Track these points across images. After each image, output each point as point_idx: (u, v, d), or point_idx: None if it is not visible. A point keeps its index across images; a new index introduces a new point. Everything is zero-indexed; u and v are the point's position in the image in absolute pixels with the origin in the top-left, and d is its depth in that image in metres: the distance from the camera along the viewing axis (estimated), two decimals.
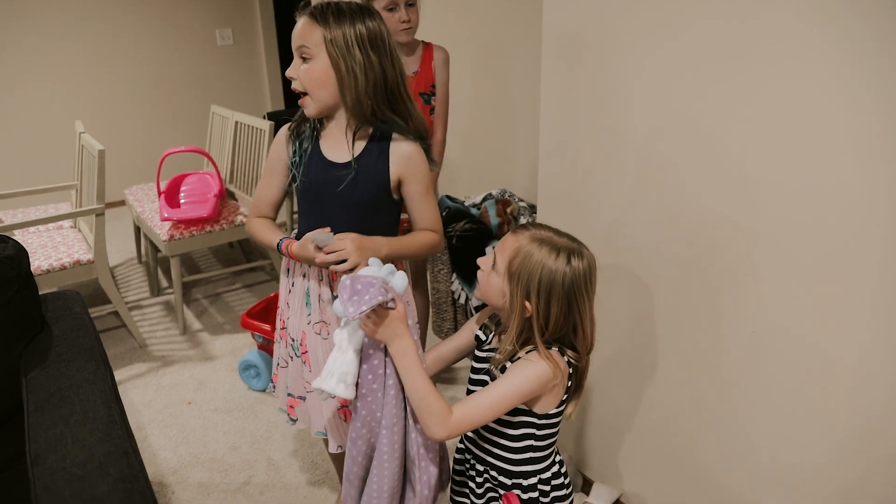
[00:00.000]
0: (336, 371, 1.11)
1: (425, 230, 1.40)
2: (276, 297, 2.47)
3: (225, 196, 2.94)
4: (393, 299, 1.07)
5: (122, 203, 4.47)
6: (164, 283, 3.44)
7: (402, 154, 1.31)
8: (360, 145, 1.31)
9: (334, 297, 1.33)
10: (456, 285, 2.39)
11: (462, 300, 2.39)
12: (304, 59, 1.25)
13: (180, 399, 2.42)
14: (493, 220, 2.30)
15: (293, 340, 1.48)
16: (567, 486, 1.24)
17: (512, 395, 1.08)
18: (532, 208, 2.33)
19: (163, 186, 2.93)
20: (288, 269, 1.47)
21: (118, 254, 3.84)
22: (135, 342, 2.81)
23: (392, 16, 1.84)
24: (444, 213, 2.32)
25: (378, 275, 1.08)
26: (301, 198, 1.40)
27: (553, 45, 1.55)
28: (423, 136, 1.34)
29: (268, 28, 5.11)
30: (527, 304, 1.07)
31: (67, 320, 1.51)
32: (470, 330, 1.28)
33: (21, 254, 1.44)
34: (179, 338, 2.87)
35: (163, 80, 4.82)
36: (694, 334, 1.39)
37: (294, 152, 1.37)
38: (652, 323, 1.49)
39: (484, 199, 2.43)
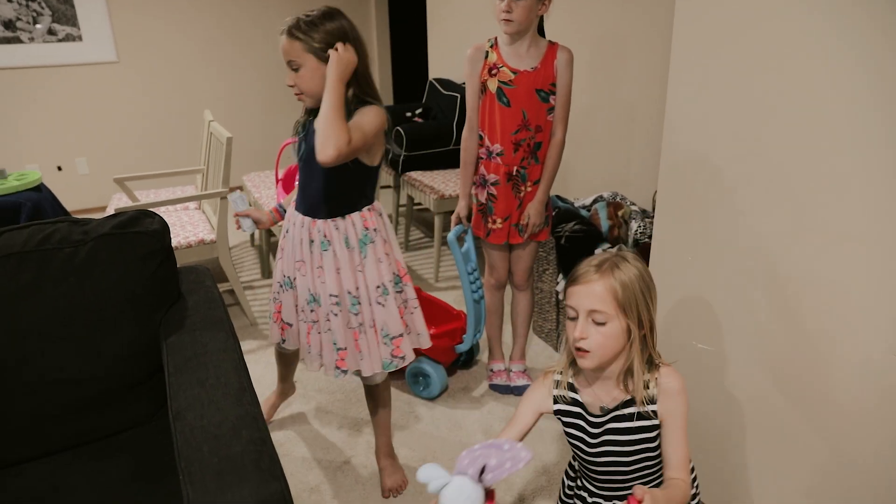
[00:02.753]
0: None
1: None
2: None
3: None
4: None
5: (240, 188, 4.73)
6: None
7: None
8: None
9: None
10: (562, 286, 2.38)
11: None
12: (295, 70, 1.58)
13: None
14: (604, 222, 2.27)
15: (285, 277, 1.81)
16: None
17: (686, 423, 1.16)
18: (644, 212, 2.28)
19: (280, 175, 3.07)
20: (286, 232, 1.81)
21: (234, 236, 4.07)
22: (247, 320, 2.97)
23: (499, 5, 1.87)
24: (553, 213, 2.31)
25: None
26: (300, 165, 1.73)
27: (685, 43, 1.51)
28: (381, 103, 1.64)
29: (381, 25, 5.26)
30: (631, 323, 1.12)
31: (200, 293, 1.62)
32: (531, 411, 1.25)
33: (164, 229, 1.56)
34: None
35: (281, 73, 5.06)
36: (814, 346, 1.32)
37: (299, 133, 1.73)
38: (779, 328, 1.42)
39: (594, 201, 2.40)
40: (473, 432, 2.17)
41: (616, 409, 1.18)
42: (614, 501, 1.27)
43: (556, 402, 1.25)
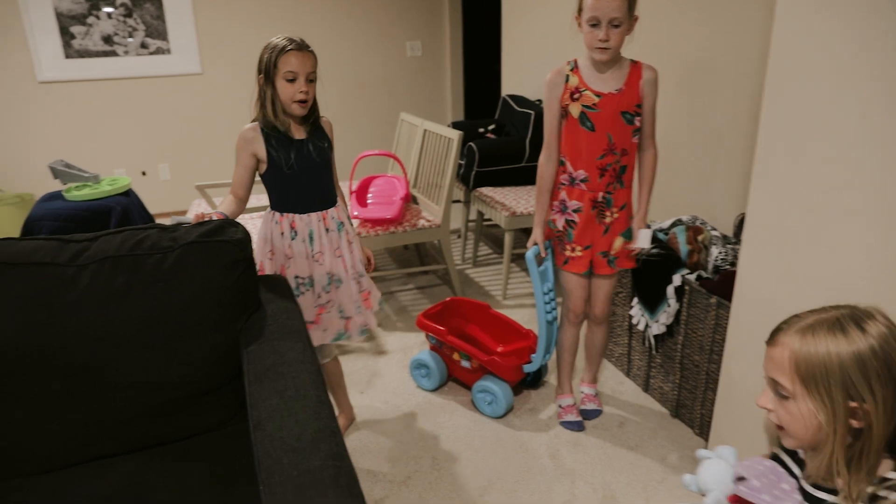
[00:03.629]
0: None
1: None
2: (452, 301, 2.54)
3: (410, 200, 3.07)
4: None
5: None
6: None
7: (330, 126, 2.01)
8: (313, 126, 1.93)
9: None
10: (636, 311, 2.31)
11: (641, 326, 2.30)
12: (312, 81, 1.85)
13: (354, 388, 2.56)
14: (683, 247, 2.20)
15: (298, 280, 1.99)
16: None
17: None
18: (725, 238, 2.20)
19: (354, 186, 3.13)
20: (282, 233, 1.99)
21: None
22: None
23: (593, 32, 1.82)
24: None
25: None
26: (293, 174, 1.92)
27: (781, 69, 1.45)
28: None
29: (455, 42, 5.31)
30: (851, 410, 0.86)
31: (278, 302, 1.65)
32: None
33: (247, 238, 1.60)
34: None
35: (355, 86, 5.18)
36: None
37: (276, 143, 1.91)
38: None
39: (673, 225, 2.33)
40: (539, 455, 2.13)
41: (823, 490, 0.97)
42: None
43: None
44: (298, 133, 1.90)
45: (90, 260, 1.46)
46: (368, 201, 3.12)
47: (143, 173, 4.89)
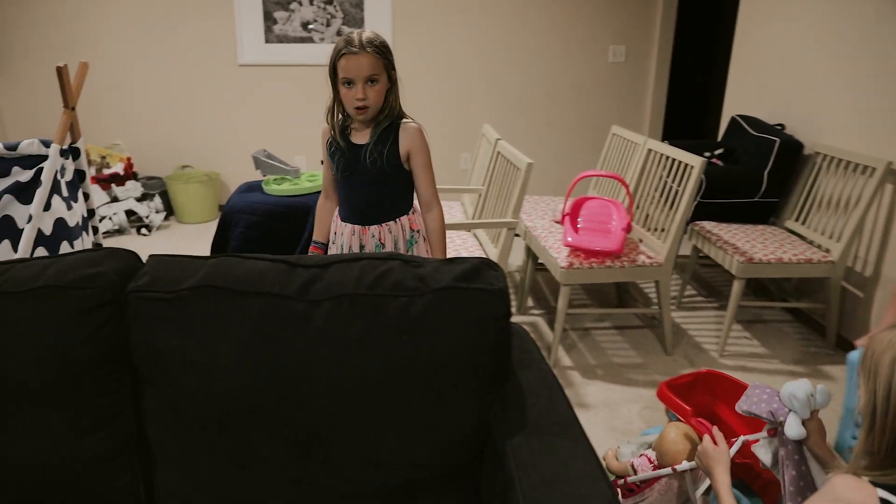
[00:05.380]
0: None
1: (428, 213, 1.91)
2: (708, 374, 2.07)
3: (631, 230, 2.64)
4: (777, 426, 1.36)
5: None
6: (530, 301, 3.31)
7: (411, 133, 1.81)
8: (376, 132, 1.79)
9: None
10: None
11: None
12: (373, 83, 1.70)
13: None
14: None
15: None
16: None
17: None
18: None
19: (566, 208, 2.74)
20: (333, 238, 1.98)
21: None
22: None
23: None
24: None
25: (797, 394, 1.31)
26: (341, 179, 1.87)
27: None
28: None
29: (663, 49, 4.76)
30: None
31: (533, 369, 1.30)
32: None
33: (506, 287, 1.25)
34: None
35: (548, 91, 4.79)
36: None
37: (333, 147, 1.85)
38: None
39: None
40: None
41: None
42: None
43: None
44: (361, 137, 1.81)
45: (324, 295, 1.17)
46: (578, 226, 2.72)
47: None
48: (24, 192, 2.06)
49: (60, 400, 1.17)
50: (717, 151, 3.31)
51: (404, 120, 1.81)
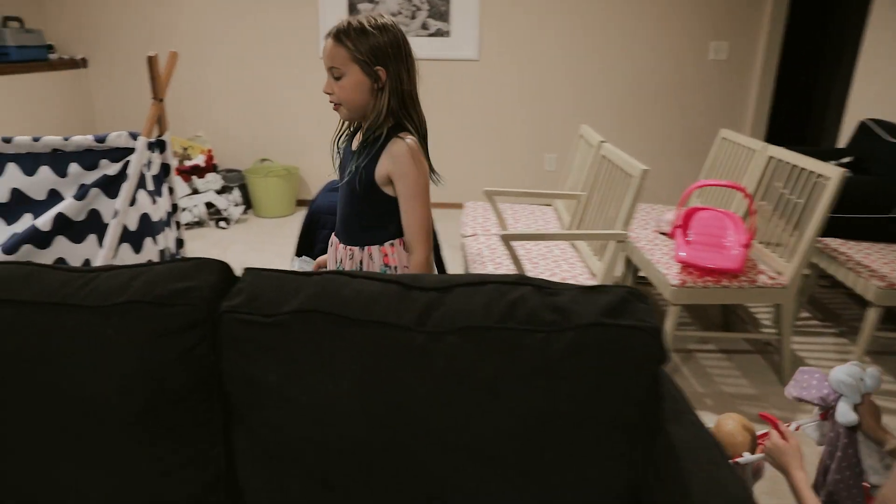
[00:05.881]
0: None
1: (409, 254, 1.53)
2: None
3: (750, 246, 2.36)
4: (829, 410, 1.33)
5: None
6: None
7: (394, 152, 1.45)
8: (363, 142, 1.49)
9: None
10: None
11: None
12: (336, 78, 1.42)
13: None
14: None
15: None
16: None
17: None
18: None
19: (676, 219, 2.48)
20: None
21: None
22: None
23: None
24: None
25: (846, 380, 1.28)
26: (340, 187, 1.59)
27: None
28: (425, 137, 1.53)
29: (772, 46, 4.39)
30: None
31: (684, 424, 1.07)
32: None
33: (658, 324, 1.04)
34: None
35: (640, 90, 4.49)
36: None
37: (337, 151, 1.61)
38: None
39: None
40: None
41: None
42: None
43: None
44: (357, 141, 1.55)
45: (445, 328, 0.99)
46: (689, 239, 2.46)
47: None
48: (111, 186, 1.98)
49: (144, 432, 1.03)
50: (846, 160, 2.96)
51: (400, 135, 1.46)
